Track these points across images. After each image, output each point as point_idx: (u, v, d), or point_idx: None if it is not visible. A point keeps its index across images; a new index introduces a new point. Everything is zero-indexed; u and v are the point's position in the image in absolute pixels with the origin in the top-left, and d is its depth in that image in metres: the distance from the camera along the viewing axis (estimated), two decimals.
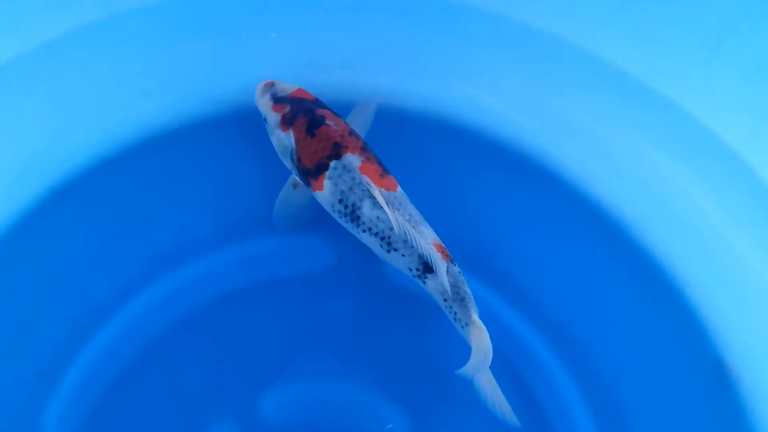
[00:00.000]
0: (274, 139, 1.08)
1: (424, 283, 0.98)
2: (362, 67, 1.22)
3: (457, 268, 0.98)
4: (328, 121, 1.03)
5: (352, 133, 1.04)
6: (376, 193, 0.97)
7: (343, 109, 1.15)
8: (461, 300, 0.96)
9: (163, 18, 1.19)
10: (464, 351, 1.12)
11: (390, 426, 1.08)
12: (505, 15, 1.20)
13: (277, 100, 1.08)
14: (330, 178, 1.00)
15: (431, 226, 1.02)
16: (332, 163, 1.00)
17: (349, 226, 1.03)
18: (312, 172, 1.02)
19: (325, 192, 1.01)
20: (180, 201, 1.17)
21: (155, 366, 1.09)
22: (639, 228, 1.15)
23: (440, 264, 0.95)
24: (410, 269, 0.98)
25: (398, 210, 0.97)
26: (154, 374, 1.09)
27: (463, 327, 0.97)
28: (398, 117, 1.22)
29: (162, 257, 1.14)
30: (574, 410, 1.10)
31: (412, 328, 1.13)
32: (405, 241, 0.97)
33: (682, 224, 1.13)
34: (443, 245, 0.99)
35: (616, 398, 1.10)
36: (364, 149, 1.02)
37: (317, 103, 1.09)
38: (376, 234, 0.99)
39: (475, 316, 0.96)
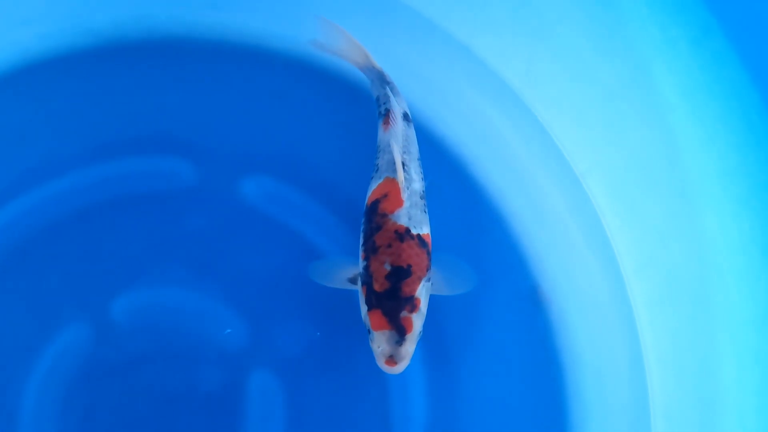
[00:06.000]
0: None
1: None
2: (231, 8, 1.31)
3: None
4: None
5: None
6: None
7: (211, 53, 1.26)
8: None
9: None
10: (305, 270, 1.23)
11: (228, 330, 1.18)
12: None
13: None
14: None
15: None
16: None
17: None
18: None
19: None
20: (52, 123, 1.26)
21: (16, 270, 1.18)
22: (474, 165, 1.26)
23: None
24: None
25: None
26: (13, 278, 1.18)
27: None
28: (266, 60, 1.31)
29: (31, 172, 1.23)
30: None
31: (261, 247, 1.23)
32: None
33: (505, 161, 1.24)
34: None
35: (439, 320, 1.21)
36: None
37: None
38: None
39: None
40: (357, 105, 1.27)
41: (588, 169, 1.16)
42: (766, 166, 0.98)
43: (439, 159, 1.27)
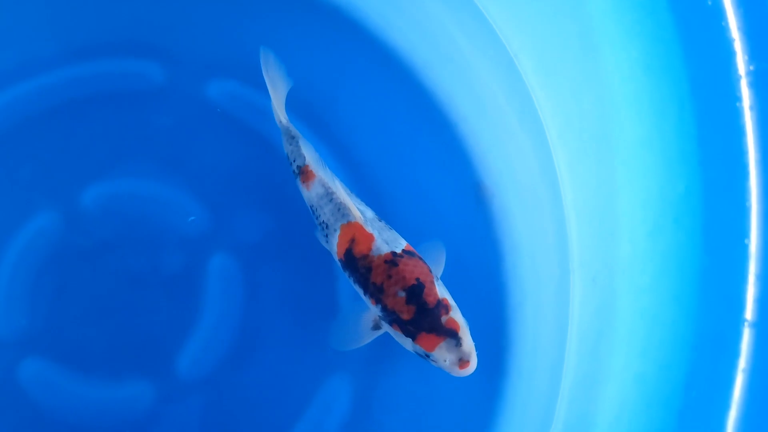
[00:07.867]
0: None
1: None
2: None
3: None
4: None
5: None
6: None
7: None
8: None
9: None
10: (268, 163, 1.31)
11: (192, 218, 1.26)
12: None
13: None
14: None
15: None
16: None
17: None
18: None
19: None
20: (29, 27, 1.33)
21: None
22: (425, 71, 1.34)
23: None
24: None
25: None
26: None
27: None
28: None
29: (9, 72, 1.30)
30: None
31: (223, 144, 1.31)
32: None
33: (456, 67, 1.32)
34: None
35: (390, 216, 1.29)
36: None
37: None
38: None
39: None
40: (318, 14, 1.35)
41: (519, 48, 1.25)
42: None
43: (389, 65, 1.36)
